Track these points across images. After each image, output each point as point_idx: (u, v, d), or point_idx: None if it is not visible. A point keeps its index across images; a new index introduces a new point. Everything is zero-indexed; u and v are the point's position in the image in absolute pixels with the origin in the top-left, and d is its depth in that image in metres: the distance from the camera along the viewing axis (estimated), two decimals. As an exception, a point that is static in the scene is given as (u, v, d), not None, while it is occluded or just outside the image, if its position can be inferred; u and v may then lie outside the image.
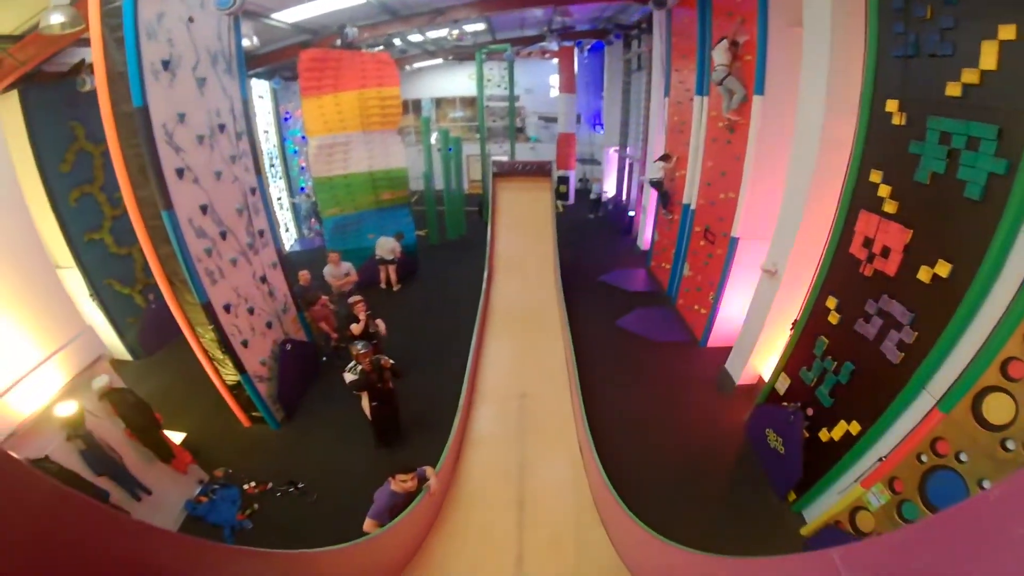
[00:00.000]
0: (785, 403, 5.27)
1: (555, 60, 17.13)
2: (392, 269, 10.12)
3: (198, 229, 5.31)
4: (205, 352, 5.77)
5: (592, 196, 16.01)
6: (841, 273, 4.66)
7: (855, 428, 4.37)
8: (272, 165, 12.60)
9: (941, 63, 3.44)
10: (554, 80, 18.32)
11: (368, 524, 4.18)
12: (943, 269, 3.55)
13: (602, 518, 5.06)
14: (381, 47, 11.67)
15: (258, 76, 11.63)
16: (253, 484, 5.58)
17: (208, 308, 5.38)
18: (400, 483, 4.21)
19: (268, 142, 12.44)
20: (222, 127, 5.83)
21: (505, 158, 15.35)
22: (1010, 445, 2.96)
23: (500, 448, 6.01)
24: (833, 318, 4.72)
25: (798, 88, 5.32)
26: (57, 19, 4.37)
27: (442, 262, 11.93)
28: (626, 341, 8.36)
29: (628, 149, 14.12)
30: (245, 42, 6.75)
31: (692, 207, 8.50)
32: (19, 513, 1.13)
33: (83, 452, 4.18)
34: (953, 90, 3.36)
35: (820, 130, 4.94)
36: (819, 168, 5.07)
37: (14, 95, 6.36)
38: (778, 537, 4.82)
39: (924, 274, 3.71)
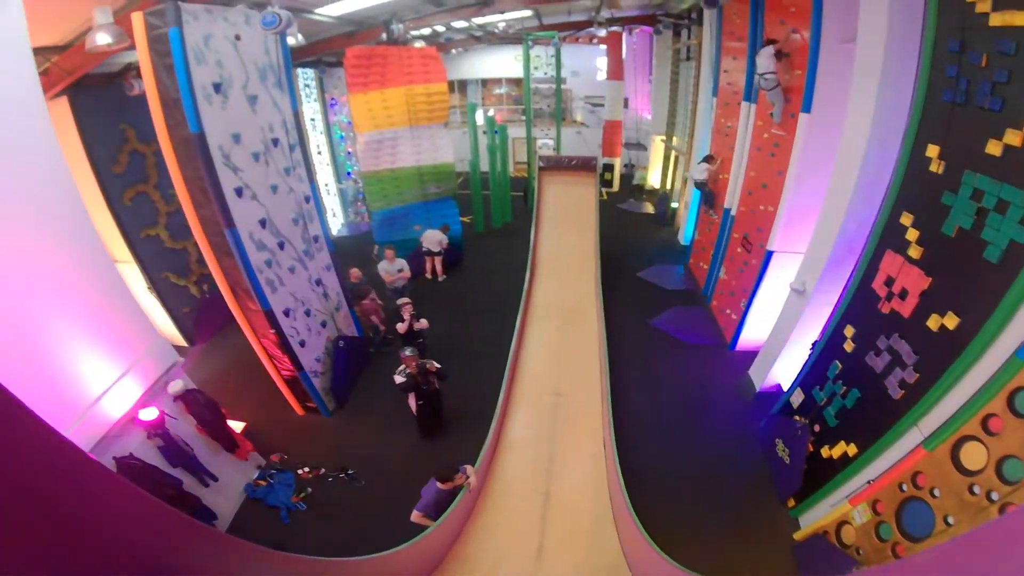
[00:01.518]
0: (796, 417, 5.52)
1: (602, 46, 16.74)
2: (438, 260, 10.57)
3: (258, 242, 5.80)
4: (266, 352, 6.45)
5: (634, 183, 15.86)
6: (861, 305, 4.74)
7: (852, 450, 4.63)
8: (319, 152, 13.03)
9: (987, 117, 3.38)
10: (601, 63, 17.87)
11: (416, 516, 4.77)
12: (951, 322, 3.66)
13: (614, 516, 5.46)
14: (425, 40, 11.75)
15: (303, 66, 11.86)
16: (307, 469, 6.24)
17: (270, 315, 5.97)
18: (447, 484, 4.74)
19: (315, 130, 12.82)
20: (275, 141, 6.06)
21: (551, 142, 15.33)
22: (976, 490, 3.23)
23: (533, 444, 6.44)
24: (848, 346, 4.85)
25: (845, 110, 5.21)
26: (104, 40, 4.49)
27: (486, 251, 12.25)
28: (658, 341, 8.59)
29: (674, 140, 13.80)
30: (291, 40, 6.73)
31: (732, 213, 8.47)
32: (104, 516, 1.29)
33: (161, 448, 4.85)
34: (994, 148, 3.32)
35: (862, 159, 4.89)
36: (856, 197, 5.05)
37: (64, 100, 6.59)
38: (773, 540, 5.18)
39: (934, 322, 3.81)
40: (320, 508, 5.84)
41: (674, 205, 13.34)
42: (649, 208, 15.31)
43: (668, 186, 14.19)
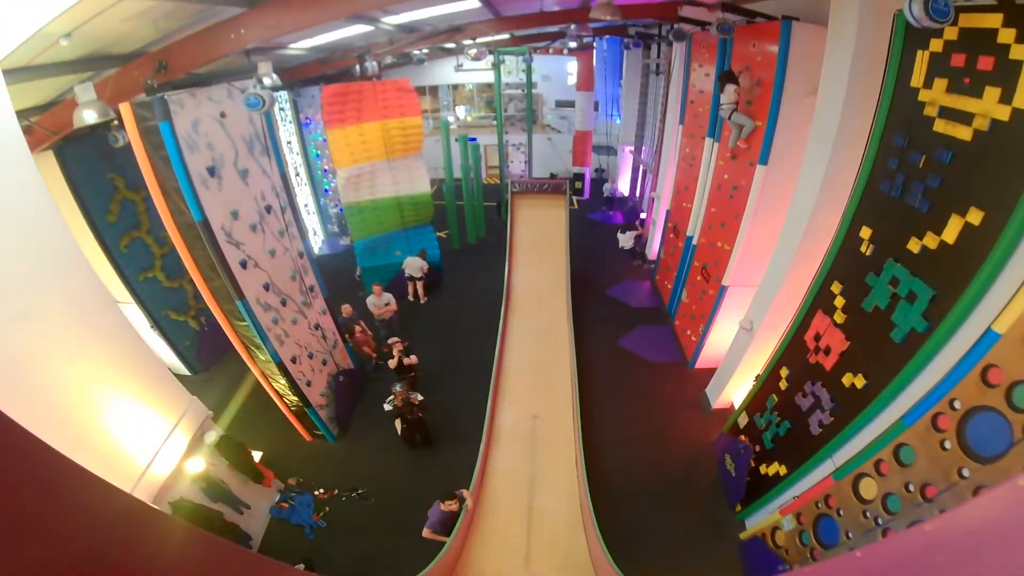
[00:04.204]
0: (742, 436, 6.49)
1: (573, 57, 17.06)
2: (420, 284, 11.11)
3: (264, 304, 6.32)
4: (277, 393, 7.08)
5: (605, 194, 16.57)
6: (794, 352, 5.59)
7: (783, 470, 5.61)
8: (297, 174, 13.19)
9: (915, 216, 3.79)
10: (571, 67, 18.21)
11: (427, 532, 5.60)
12: (859, 382, 4.51)
13: (584, 523, 6.31)
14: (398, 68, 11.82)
15: (275, 90, 11.87)
16: (322, 491, 7.00)
17: (280, 365, 6.58)
18: (448, 506, 5.55)
19: (292, 152, 12.93)
20: (269, 208, 6.45)
21: (522, 154, 15.70)
22: (868, 515, 4.15)
23: (516, 465, 7.25)
24: (783, 384, 5.75)
25: (801, 163, 5.58)
26: (91, 117, 4.63)
27: (464, 270, 12.76)
28: (625, 360, 9.45)
29: (643, 154, 14.38)
30: (267, 80, 6.96)
31: (694, 242, 9.10)
32: (169, 555, 1.44)
33: (204, 489, 5.64)
34: (913, 246, 3.83)
35: (808, 218, 5.44)
36: (801, 253, 5.67)
37: (49, 154, 6.76)
38: (721, 538, 6.22)
39: (847, 379, 4.66)
40: (339, 524, 6.63)
41: (642, 215, 14.11)
42: (619, 218, 15.91)
43: (637, 195, 14.87)
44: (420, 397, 7.09)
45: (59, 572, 1.02)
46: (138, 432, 4.80)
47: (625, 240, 10.76)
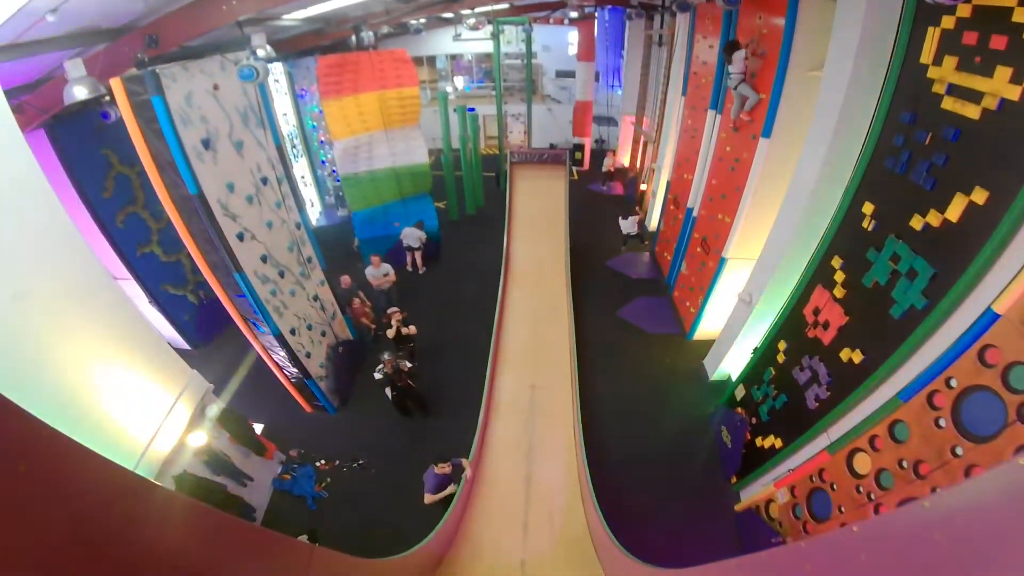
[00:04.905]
0: (739, 408, 6.57)
1: (574, 28, 16.59)
2: (418, 254, 11.12)
3: (262, 277, 6.28)
4: (277, 365, 7.12)
5: (604, 169, 16.30)
6: (792, 326, 5.61)
7: (778, 443, 5.70)
8: (294, 146, 12.97)
9: (918, 193, 3.77)
10: (572, 37, 17.74)
11: (426, 498, 5.69)
12: (857, 357, 4.54)
13: (582, 496, 6.46)
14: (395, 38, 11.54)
15: (269, 61, 11.60)
16: (323, 462, 7.13)
17: (279, 337, 6.59)
18: (441, 468, 5.65)
19: (287, 123, 12.70)
20: (265, 180, 6.34)
21: (521, 124, 15.43)
22: (860, 490, 4.25)
23: (515, 435, 7.36)
24: (780, 358, 5.80)
25: (804, 137, 5.53)
26: (81, 93, 4.66)
27: (462, 241, 12.73)
28: (624, 331, 9.50)
29: (644, 125, 14.16)
30: (260, 52, 6.79)
31: (694, 214, 9.04)
32: (169, 531, 1.49)
33: (206, 462, 5.70)
34: (916, 223, 3.81)
35: (810, 192, 5.43)
36: (802, 227, 5.66)
37: (40, 133, 6.64)
38: (717, 509, 6.35)
39: (845, 354, 4.69)
40: (340, 494, 6.78)
41: (643, 187, 13.96)
42: (619, 189, 15.82)
43: (637, 166, 14.71)
44: (409, 365, 7.18)
45: (65, 550, 1.04)
46: (139, 408, 4.82)
47: (628, 226, 10.73)
